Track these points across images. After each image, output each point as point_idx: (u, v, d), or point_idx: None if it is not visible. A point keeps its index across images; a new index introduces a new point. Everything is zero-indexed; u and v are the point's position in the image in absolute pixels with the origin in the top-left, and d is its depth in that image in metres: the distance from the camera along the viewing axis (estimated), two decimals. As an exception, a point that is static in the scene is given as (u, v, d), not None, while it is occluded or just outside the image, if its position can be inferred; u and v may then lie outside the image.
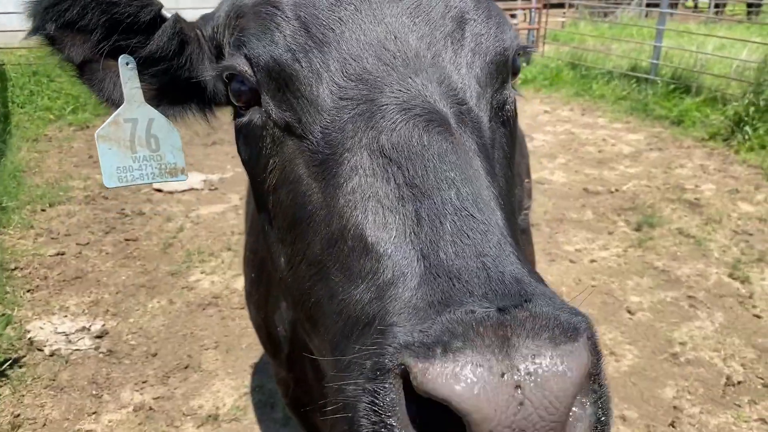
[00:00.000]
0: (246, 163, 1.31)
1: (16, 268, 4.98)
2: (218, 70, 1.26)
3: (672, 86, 10.26)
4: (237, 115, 1.26)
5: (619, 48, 13.46)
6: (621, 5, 20.92)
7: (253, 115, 1.18)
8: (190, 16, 1.47)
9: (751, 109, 8.31)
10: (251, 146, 1.23)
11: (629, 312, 4.56)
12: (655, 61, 10.93)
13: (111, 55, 1.32)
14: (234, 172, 7.21)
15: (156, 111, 1.39)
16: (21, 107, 9.06)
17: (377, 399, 0.79)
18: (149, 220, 5.93)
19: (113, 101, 1.37)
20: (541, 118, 9.87)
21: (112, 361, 4.00)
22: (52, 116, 8.95)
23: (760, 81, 8.63)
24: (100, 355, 4.05)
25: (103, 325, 4.34)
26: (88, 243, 5.46)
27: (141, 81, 1.35)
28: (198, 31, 1.39)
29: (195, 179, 6.94)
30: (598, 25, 17.73)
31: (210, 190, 6.72)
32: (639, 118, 9.68)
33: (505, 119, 1.23)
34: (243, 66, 1.15)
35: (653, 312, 4.57)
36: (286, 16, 1.12)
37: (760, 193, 6.72)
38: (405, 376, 0.77)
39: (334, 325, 0.99)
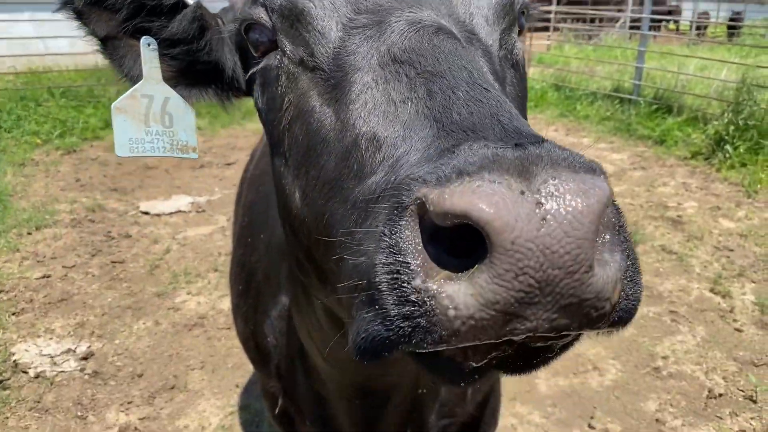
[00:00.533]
0: (262, 111, 1.35)
1: (1, 291, 4.98)
2: (237, 21, 1.31)
3: (654, 106, 10.43)
4: (255, 64, 1.31)
5: (603, 70, 13.68)
6: (605, 28, 21.28)
7: (270, 59, 1.24)
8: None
9: (731, 128, 8.46)
10: (267, 89, 1.28)
11: (612, 327, 4.60)
12: (637, 82, 11.12)
13: (134, 35, 1.39)
14: (222, 194, 7.25)
15: (173, 91, 1.44)
16: (8, 132, 9.08)
17: (392, 238, 0.76)
18: (136, 243, 5.95)
19: (132, 78, 1.43)
20: (527, 138, 9.99)
21: (98, 383, 4.00)
22: (39, 140, 8.97)
23: (739, 101, 8.80)
24: (86, 377, 4.04)
25: (89, 346, 4.33)
26: (74, 266, 5.47)
27: (161, 62, 1.42)
28: (219, 19, 1.46)
29: (182, 201, 6.97)
30: (583, 47, 18.02)
31: (197, 212, 6.75)
32: (622, 137, 9.82)
33: (514, 62, 1.25)
34: (260, 14, 1.21)
35: (636, 327, 4.62)
36: None
37: (741, 209, 6.83)
38: (422, 212, 0.74)
39: (349, 220, 0.95)
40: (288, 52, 1.19)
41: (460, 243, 0.74)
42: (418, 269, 0.74)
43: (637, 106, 10.69)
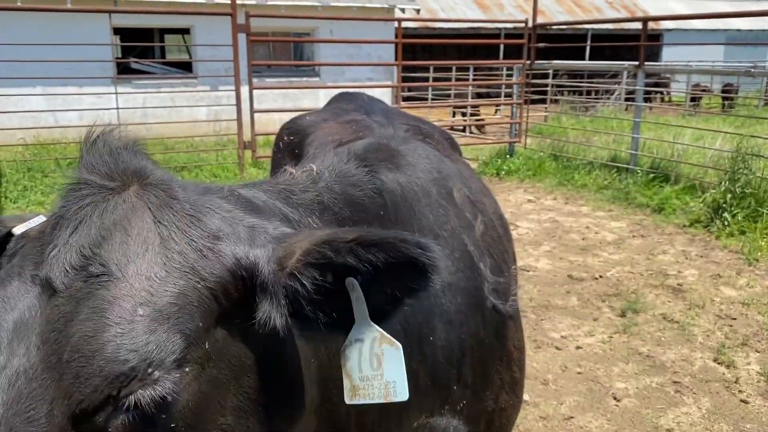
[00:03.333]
0: None
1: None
2: None
3: (651, 175, 10.57)
4: None
5: (600, 140, 13.93)
6: (600, 100, 21.79)
7: None
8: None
9: (728, 195, 8.54)
10: None
11: (615, 399, 4.53)
12: (633, 152, 11.30)
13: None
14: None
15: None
16: (14, 202, 9.20)
17: None
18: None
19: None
20: (526, 206, 10.09)
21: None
22: (44, 210, 9.04)
23: (734, 169, 8.92)
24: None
25: None
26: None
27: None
28: None
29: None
30: (579, 118, 18.41)
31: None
32: (621, 206, 9.91)
33: None
34: None
35: (639, 398, 4.54)
36: None
37: (742, 277, 6.82)
38: None
39: None
40: None
41: None
42: None
43: (634, 175, 10.83)
